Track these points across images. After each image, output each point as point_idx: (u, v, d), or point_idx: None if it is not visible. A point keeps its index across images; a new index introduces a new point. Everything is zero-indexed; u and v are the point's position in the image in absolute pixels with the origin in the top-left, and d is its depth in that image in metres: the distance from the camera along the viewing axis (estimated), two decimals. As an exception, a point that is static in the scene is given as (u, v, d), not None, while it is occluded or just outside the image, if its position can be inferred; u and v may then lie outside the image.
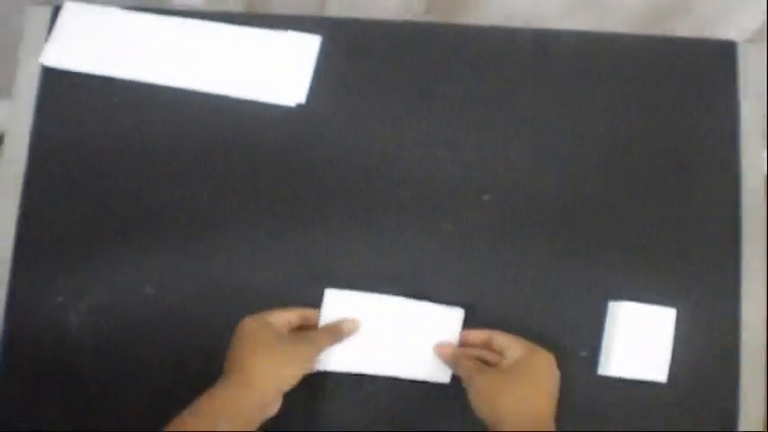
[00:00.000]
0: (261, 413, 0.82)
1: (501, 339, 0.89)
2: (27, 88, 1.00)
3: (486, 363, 0.89)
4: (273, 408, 0.85)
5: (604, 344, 0.93)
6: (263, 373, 0.83)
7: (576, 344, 0.94)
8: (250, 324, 0.87)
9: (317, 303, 0.93)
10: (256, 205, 0.97)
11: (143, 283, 0.95)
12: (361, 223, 0.97)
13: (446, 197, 0.98)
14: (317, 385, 0.92)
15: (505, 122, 1.00)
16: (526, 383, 0.84)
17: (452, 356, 0.90)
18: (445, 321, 0.93)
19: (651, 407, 0.93)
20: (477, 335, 0.91)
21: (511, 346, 0.88)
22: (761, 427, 0.93)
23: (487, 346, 0.90)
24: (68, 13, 1.03)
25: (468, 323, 0.93)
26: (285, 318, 0.89)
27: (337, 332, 0.91)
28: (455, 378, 0.91)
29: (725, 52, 1.03)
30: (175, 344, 0.94)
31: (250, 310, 0.91)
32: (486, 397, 0.84)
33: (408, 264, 0.96)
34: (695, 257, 0.97)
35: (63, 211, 0.97)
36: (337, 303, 0.93)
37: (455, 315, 0.93)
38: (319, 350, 0.89)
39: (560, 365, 0.92)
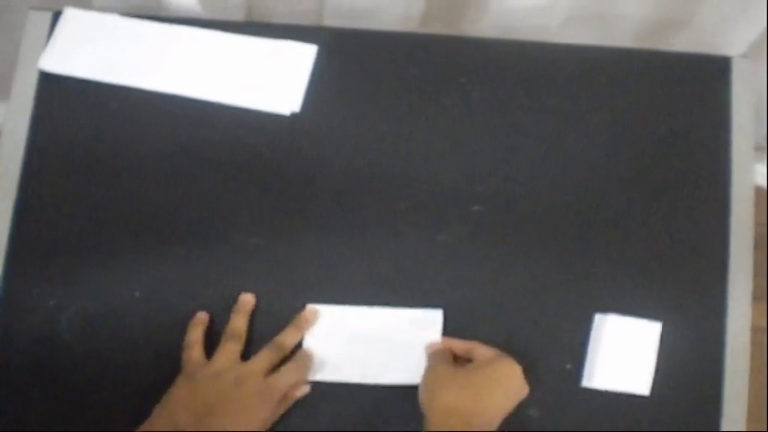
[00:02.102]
0: None
1: (480, 351, 0.89)
2: (25, 93, 1.01)
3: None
4: None
5: (589, 356, 0.94)
6: None
7: (560, 356, 0.95)
8: (256, 386, 0.86)
9: (306, 311, 0.95)
10: (249, 213, 0.98)
11: (132, 289, 0.96)
12: (353, 233, 0.98)
13: (438, 207, 0.98)
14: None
15: (499, 134, 1.01)
16: (470, 385, 0.84)
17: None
18: (426, 324, 0.94)
19: (634, 420, 0.93)
20: (460, 344, 0.92)
21: (485, 354, 0.88)
22: (742, 442, 0.93)
23: (468, 356, 0.91)
24: (68, 19, 1.04)
25: (454, 333, 0.94)
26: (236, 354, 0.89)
27: (303, 367, 0.91)
28: None
29: (719, 67, 1.04)
30: (163, 348, 0.94)
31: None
32: (428, 387, 0.85)
33: (399, 272, 0.97)
34: (682, 271, 0.97)
35: (56, 216, 0.98)
36: (318, 318, 0.95)
37: (435, 316, 0.94)
38: (287, 387, 0.89)
39: (545, 377, 0.93)
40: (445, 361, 0.88)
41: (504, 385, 0.85)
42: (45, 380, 0.94)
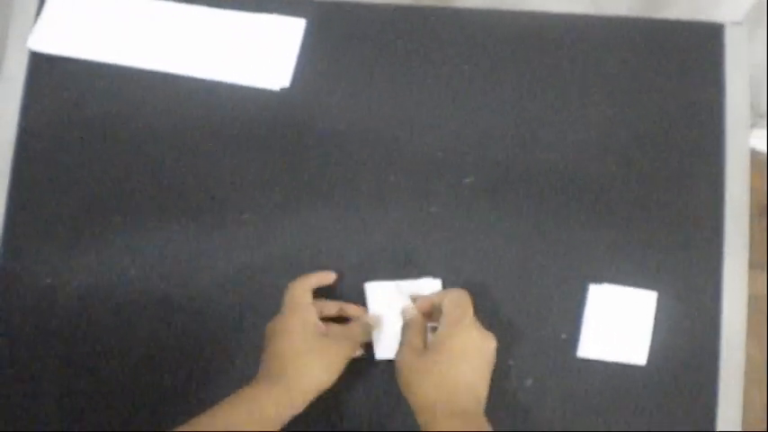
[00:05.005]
0: (291, 414, 0.82)
1: (446, 306, 0.87)
2: (15, 71, 1.01)
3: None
4: (302, 408, 0.84)
5: (584, 326, 0.93)
6: (304, 377, 0.83)
7: (556, 326, 0.94)
8: (298, 320, 0.86)
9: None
10: (240, 189, 0.98)
11: (128, 266, 0.96)
12: (345, 206, 0.98)
13: (430, 180, 0.98)
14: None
15: (491, 106, 1.00)
16: (439, 373, 0.81)
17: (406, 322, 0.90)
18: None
19: (630, 390, 0.93)
20: (428, 303, 0.91)
21: (444, 318, 0.86)
22: (739, 412, 0.93)
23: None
24: (56, -3, 1.04)
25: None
26: (334, 308, 0.91)
27: (368, 328, 0.91)
28: None
29: (713, 34, 1.03)
30: (158, 325, 0.95)
31: (232, 292, 0.93)
32: (403, 382, 0.83)
33: (391, 245, 0.97)
34: (678, 240, 0.96)
35: (51, 194, 0.98)
36: (379, 294, 0.94)
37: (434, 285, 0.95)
38: (355, 349, 0.89)
39: (540, 348, 0.93)
40: (412, 348, 0.85)
41: (470, 356, 0.83)
42: (41, 357, 0.95)
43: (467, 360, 0.82)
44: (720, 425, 0.93)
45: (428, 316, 0.90)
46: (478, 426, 0.79)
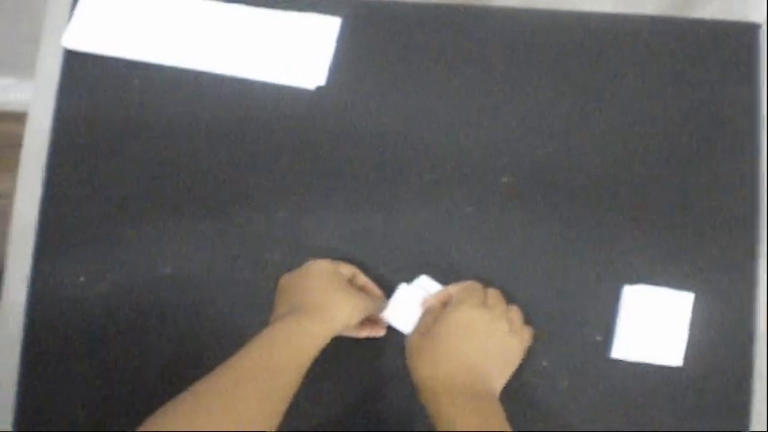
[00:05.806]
0: (322, 345, 0.83)
1: (457, 291, 0.89)
2: (49, 70, 1.02)
3: None
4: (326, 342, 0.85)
5: (618, 327, 0.93)
6: (338, 310, 0.84)
7: (590, 328, 0.94)
8: (324, 266, 0.89)
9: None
10: (275, 187, 0.98)
11: (162, 264, 0.97)
12: (380, 205, 0.98)
13: (466, 179, 0.98)
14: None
15: (526, 104, 1.00)
16: (437, 351, 0.82)
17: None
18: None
19: (664, 391, 0.93)
20: (444, 294, 0.91)
21: (452, 301, 0.87)
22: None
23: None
24: (90, -5, 1.04)
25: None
26: (350, 270, 0.93)
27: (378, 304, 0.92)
28: None
29: (748, 34, 1.02)
30: (192, 323, 0.95)
31: (267, 290, 0.92)
32: (408, 361, 0.83)
33: (427, 245, 0.97)
34: (714, 241, 0.96)
35: (84, 193, 0.99)
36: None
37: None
38: (374, 311, 0.90)
39: (574, 349, 0.93)
40: (421, 330, 0.85)
41: (471, 334, 0.83)
42: (75, 354, 0.96)
43: (467, 337, 0.82)
44: (755, 426, 0.92)
45: (446, 306, 0.89)
46: (487, 407, 0.79)
